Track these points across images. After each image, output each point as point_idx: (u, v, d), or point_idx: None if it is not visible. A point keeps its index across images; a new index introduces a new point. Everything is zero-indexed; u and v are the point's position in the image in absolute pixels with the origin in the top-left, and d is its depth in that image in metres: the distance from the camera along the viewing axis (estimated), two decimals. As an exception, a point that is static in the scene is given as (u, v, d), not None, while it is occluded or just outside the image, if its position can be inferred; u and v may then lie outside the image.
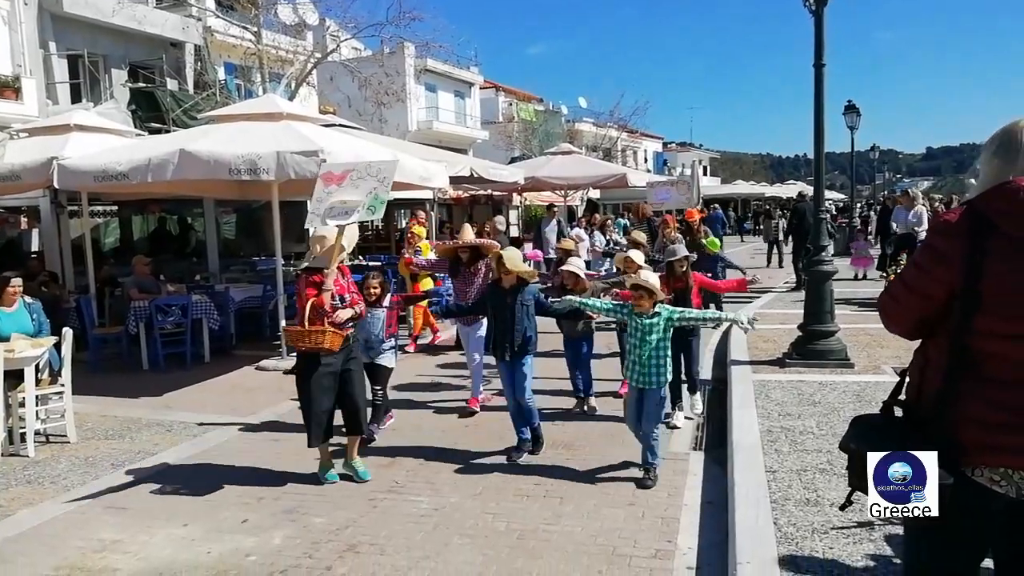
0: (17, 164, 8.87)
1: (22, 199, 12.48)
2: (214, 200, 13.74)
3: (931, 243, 2.17)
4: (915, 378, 2.28)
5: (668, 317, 5.07)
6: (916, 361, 2.28)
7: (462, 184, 15.03)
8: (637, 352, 5.11)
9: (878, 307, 2.44)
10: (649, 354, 5.04)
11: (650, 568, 3.95)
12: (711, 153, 65.94)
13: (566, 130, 36.14)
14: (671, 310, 5.16)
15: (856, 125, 22.39)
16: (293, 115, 9.27)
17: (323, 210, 5.28)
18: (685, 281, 6.26)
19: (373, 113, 19.61)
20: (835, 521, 4.02)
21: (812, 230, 8.66)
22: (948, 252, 2.07)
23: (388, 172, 5.47)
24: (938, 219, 2.25)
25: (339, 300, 5.16)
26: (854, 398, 6.42)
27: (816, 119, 8.00)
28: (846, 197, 37.52)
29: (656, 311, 5.07)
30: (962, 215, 2.09)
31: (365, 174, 5.44)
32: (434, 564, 3.95)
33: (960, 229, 2.06)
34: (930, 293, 2.14)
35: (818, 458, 5.00)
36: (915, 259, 2.26)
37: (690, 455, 5.69)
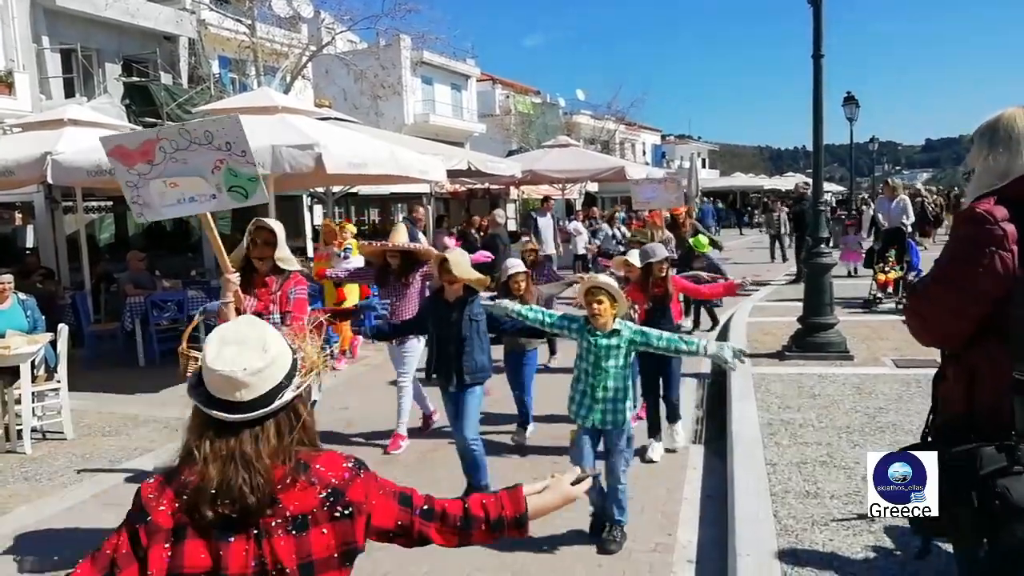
0: (10, 159, 8.80)
1: (16, 195, 12.41)
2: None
3: (974, 235, 1.98)
4: (958, 393, 2.10)
5: (631, 339, 4.02)
6: (955, 376, 2.09)
7: (459, 178, 14.96)
8: (589, 381, 4.04)
9: (906, 315, 2.26)
10: (605, 384, 4.00)
11: (650, 562, 3.93)
12: (710, 145, 65.82)
13: (564, 123, 36.00)
14: (636, 330, 4.10)
15: (855, 117, 22.38)
16: (288, 108, 9.20)
17: (153, 197, 3.75)
18: (665, 287, 5.49)
19: (369, 106, 19.54)
20: (835, 513, 4.00)
21: (811, 222, 8.63)
22: (999, 241, 1.91)
23: (232, 135, 3.66)
24: (973, 211, 2.01)
25: None
26: (854, 390, 6.40)
27: (815, 110, 7.97)
28: (845, 189, 37.54)
29: (616, 328, 4.02)
30: (996, 203, 1.96)
31: (189, 142, 3.67)
32: (434, 559, 3.93)
33: (1006, 216, 1.92)
34: (983, 288, 1.95)
35: (818, 451, 4.98)
36: (955, 254, 2.05)
37: (689, 448, 5.67)
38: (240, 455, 1.55)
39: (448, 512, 1.73)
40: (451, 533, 1.73)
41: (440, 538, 1.73)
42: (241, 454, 1.55)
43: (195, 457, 1.56)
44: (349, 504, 1.61)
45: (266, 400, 1.58)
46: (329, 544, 1.58)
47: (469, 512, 1.73)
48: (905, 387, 6.41)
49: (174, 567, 1.51)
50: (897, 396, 6.16)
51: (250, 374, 1.56)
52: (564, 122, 36.25)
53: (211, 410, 1.58)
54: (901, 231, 11.07)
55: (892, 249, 10.75)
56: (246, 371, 1.55)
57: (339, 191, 13.71)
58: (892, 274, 10.47)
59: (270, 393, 1.58)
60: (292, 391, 1.61)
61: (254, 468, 1.54)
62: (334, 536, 1.59)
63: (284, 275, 4.45)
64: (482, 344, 4.63)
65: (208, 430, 1.59)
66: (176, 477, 1.58)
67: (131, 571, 1.52)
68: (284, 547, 1.54)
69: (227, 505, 1.52)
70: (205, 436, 1.58)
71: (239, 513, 1.53)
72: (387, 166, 9.03)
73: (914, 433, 5.21)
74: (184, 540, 1.52)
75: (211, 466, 1.54)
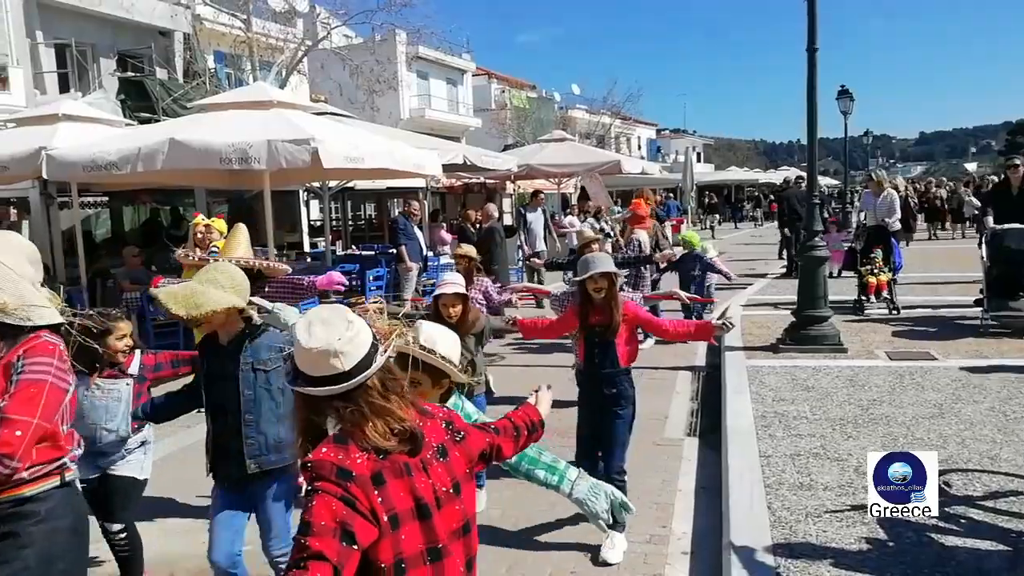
0: (5, 155, 8.77)
1: (11, 190, 12.38)
2: (205, 190, 13.65)
3: None
4: None
5: None
6: None
7: (455, 172, 14.97)
8: None
9: None
10: None
11: (645, 553, 3.97)
12: (705, 139, 65.84)
13: (559, 117, 36.00)
14: (468, 412, 3.13)
15: (849, 110, 22.36)
16: (284, 103, 9.20)
17: None
18: (609, 315, 3.95)
19: (365, 101, 19.48)
20: (829, 505, 4.04)
21: (805, 215, 8.66)
22: None
23: None
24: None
25: None
26: (847, 383, 6.44)
27: (809, 103, 7.99)
28: (839, 183, 37.59)
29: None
30: None
31: None
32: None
33: None
34: None
35: (811, 442, 5.02)
36: None
37: (684, 441, 5.71)
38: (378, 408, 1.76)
39: (507, 427, 2.25)
40: (513, 441, 2.24)
41: (508, 448, 2.22)
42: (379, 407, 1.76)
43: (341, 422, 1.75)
44: (459, 430, 1.97)
45: (364, 365, 1.76)
46: (462, 463, 1.93)
47: (516, 424, 2.29)
48: (898, 379, 6.45)
49: (388, 509, 1.69)
50: (890, 388, 6.21)
51: (345, 343, 1.74)
52: (560, 116, 36.24)
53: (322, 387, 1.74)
54: (885, 229, 10.20)
55: (877, 249, 9.97)
56: (340, 340, 1.74)
57: (335, 186, 13.70)
58: (883, 276, 9.76)
59: (366, 358, 1.77)
60: (382, 356, 1.82)
61: (395, 416, 1.77)
62: (464, 456, 1.94)
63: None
64: (275, 406, 3.14)
65: (329, 403, 1.76)
66: (341, 442, 1.73)
67: (362, 524, 1.64)
68: (441, 473, 1.83)
69: (402, 444, 1.76)
70: (330, 407, 1.76)
71: (411, 451, 1.77)
72: (383, 160, 9.03)
73: (907, 424, 5.27)
74: (385, 483, 1.71)
75: (371, 419, 1.74)
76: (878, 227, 10.28)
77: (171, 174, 9.17)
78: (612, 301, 3.96)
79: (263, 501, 3.19)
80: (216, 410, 3.21)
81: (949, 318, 9.03)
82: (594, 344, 4.04)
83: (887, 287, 9.76)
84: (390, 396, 1.79)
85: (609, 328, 3.97)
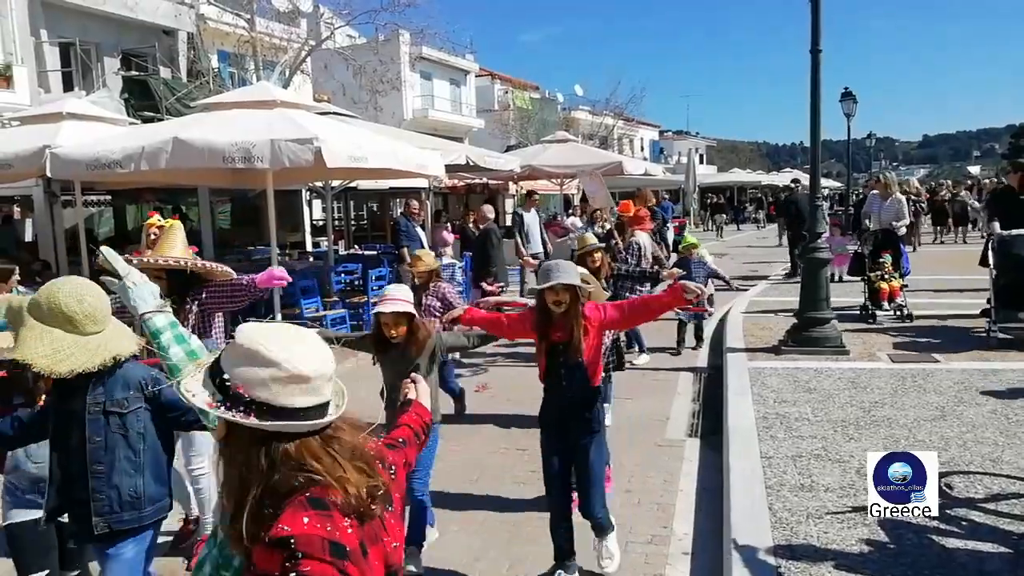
0: (9, 153, 8.79)
1: (15, 188, 12.41)
2: (209, 189, 13.67)
3: None
4: None
5: None
6: None
7: (458, 172, 14.97)
8: None
9: None
10: None
11: (645, 553, 3.97)
12: (708, 141, 65.80)
13: (562, 118, 36.00)
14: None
15: (853, 112, 22.37)
16: (287, 103, 9.20)
17: None
18: (569, 329, 3.48)
19: (368, 101, 19.50)
20: (830, 506, 4.04)
21: (808, 217, 8.65)
22: None
23: None
24: None
25: None
26: (849, 384, 6.44)
27: (812, 105, 7.98)
28: (842, 185, 37.56)
29: None
30: None
31: None
32: (433, 550, 3.97)
33: None
34: None
35: (813, 444, 5.02)
36: None
37: (685, 442, 5.71)
38: (355, 450, 1.47)
39: (410, 437, 2.00)
40: (416, 449, 2.01)
41: (412, 459, 2.00)
42: (353, 448, 1.47)
43: (321, 474, 1.41)
44: (391, 464, 1.71)
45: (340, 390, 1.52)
46: (400, 505, 1.73)
47: (416, 431, 2.04)
48: (900, 382, 6.45)
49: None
50: (892, 390, 6.20)
51: (331, 362, 1.48)
52: (562, 117, 36.24)
53: (315, 420, 1.43)
54: (893, 233, 9.88)
55: (886, 254, 9.59)
56: (328, 361, 1.48)
57: (338, 185, 13.71)
58: (895, 282, 9.35)
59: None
60: None
61: (368, 456, 1.50)
62: (400, 497, 1.72)
63: None
64: (132, 455, 2.63)
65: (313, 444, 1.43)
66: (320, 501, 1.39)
67: None
68: (395, 527, 1.57)
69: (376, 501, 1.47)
70: (318, 453, 1.43)
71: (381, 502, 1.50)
72: (387, 160, 9.04)
73: (909, 427, 5.27)
74: (368, 555, 1.42)
75: (350, 472, 1.43)
76: (886, 231, 9.91)
77: (175, 173, 9.19)
78: (574, 320, 3.45)
79: (109, 567, 2.62)
80: (60, 456, 2.64)
81: (954, 329, 8.63)
82: (558, 364, 3.54)
83: (900, 293, 9.38)
84: (356, 432, 1.50)
85: (570, 346, 3.47)
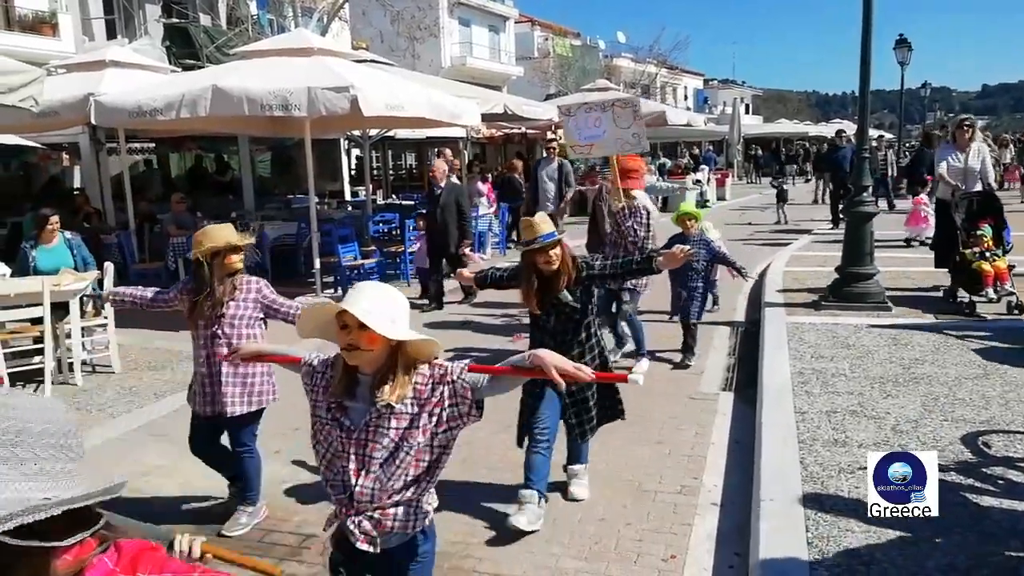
0: (56, 100, 8.94)
1: (63, 135, 12.68)
2: (248, 138, 13.79)
3: None
4: None
5: None
6: None
7: (495, 122, 14.82)
8: None
9: None
10: None
11: (675, 503, 4.00)
12: (754, 91, 63.94)
13: (603, 66, 35.23)
14: None
15: (907, 61, 21.46)
16: (324, 50, 9.17)
17: None
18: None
19: (406, 48, 19.35)
20: (862, 461, 4.00)
21: (855, 169, 8.38)
22: None
23: None
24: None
25: None
26: (890, 341, 6.31)
27: (863, 50, 7.65)
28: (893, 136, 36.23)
29: None
30: None
31: None
32: (460, 501, 4.06)
33: None
34: None
35: (849, 400, 4.96)
36: None
37: (719, 395, 5.69)
38: None
39: None
40: None
41: None
42: None
43: None
44: None
45: None
46: None
47: None
48: (943, 339, 6.30)
49: None
50: (934, 347, 6.06)
51: None
52: (604, 65, 35.46)
53: None
54: (994, 196, 7.74)
55: (984, 224, 7.27)
56: None
57: (375, 134, 13.70)
58: (1000, 262, 7.07)
59: None
60: None
61: None
62: None
63: None
64: None
65: None
66: None
67: None
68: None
69: None
70: None
71: None
72: (422, 109, 8.99)
73: (949, 384, 5.17)
74: None
75: None
76: (986, 194, 7.70)
77: (215, 121, 9.28)
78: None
79: None
80: None
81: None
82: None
83: (1007, 277, 7.10)
84: None
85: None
